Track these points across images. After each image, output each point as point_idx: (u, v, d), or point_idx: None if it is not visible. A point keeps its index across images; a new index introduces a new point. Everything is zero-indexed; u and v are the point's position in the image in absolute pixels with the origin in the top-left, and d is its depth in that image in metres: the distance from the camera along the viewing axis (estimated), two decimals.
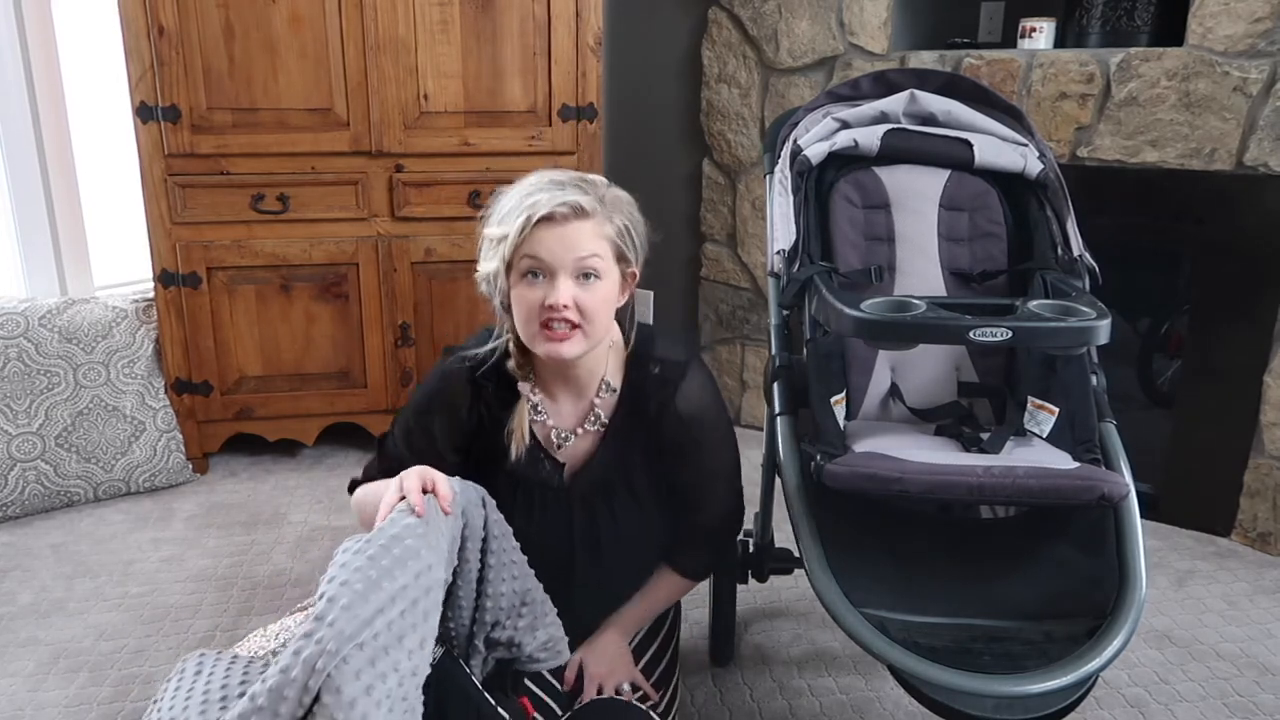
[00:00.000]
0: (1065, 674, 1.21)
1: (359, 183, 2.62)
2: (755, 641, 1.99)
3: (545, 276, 1.33)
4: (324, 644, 1.00)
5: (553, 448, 1.49)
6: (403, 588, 1.09)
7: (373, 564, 1.09)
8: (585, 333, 1.35)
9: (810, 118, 1.80)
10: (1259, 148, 2.20)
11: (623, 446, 1.48)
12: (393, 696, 1.04)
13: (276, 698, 1.00)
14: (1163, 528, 2.49)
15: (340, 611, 1.03)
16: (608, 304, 1.38)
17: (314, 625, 1.03)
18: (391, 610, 1.07)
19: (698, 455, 1.51)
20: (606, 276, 1.36)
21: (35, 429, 2.48)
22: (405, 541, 1.13)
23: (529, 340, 1.38)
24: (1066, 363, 1.55)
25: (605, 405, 1.48)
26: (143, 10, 2.38)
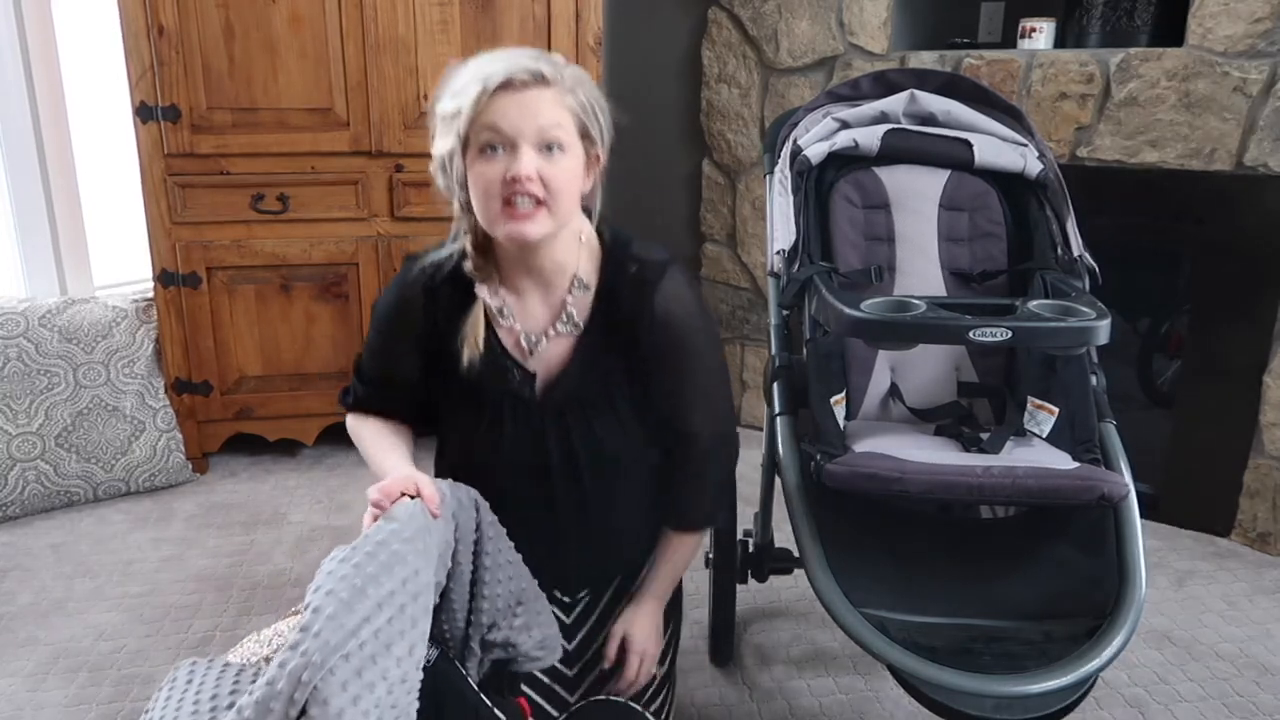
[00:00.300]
0: (1065, 674, 1.21)
1: (359, 183, 2.62)
2: (755, 641, 1.99)
3: (505, 149, 1.21)
4: (309, 656, 0.99)
5: (523, 355, 1.35)
6: (389, 594, 1.07)
7: (358, 571, 1.06)
8: (550, 210, 1.23)
9: (810, 118, 1.81)
10: (1259, 148, 2.20)
11: (600, 354, 1.35)
12: (381, 705, 1.02)
13: (262, 710, 0.99)
14: (1162, 528, 2.49)
15: (325, 622, 1.01)
16: (573, 181, 1.26)
17: (299, 636, 1.01)
18: (378, 618, 1.04)
19: (678, 361, 1.36)
20: (570, 150, 1.25)
21: (35, 429, 2.48)
22: (391, 547, 1.10)
23: (490, 223, 1.26)
24: (1066, 363, 1.55)
25: (579, 305, 1.34)
26: (142, 10, 2.38)
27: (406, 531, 1.14)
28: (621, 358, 1.35)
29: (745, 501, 2.26)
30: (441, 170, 1.29)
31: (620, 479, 1.40)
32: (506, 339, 1.35)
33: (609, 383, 1.36)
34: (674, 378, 1.38)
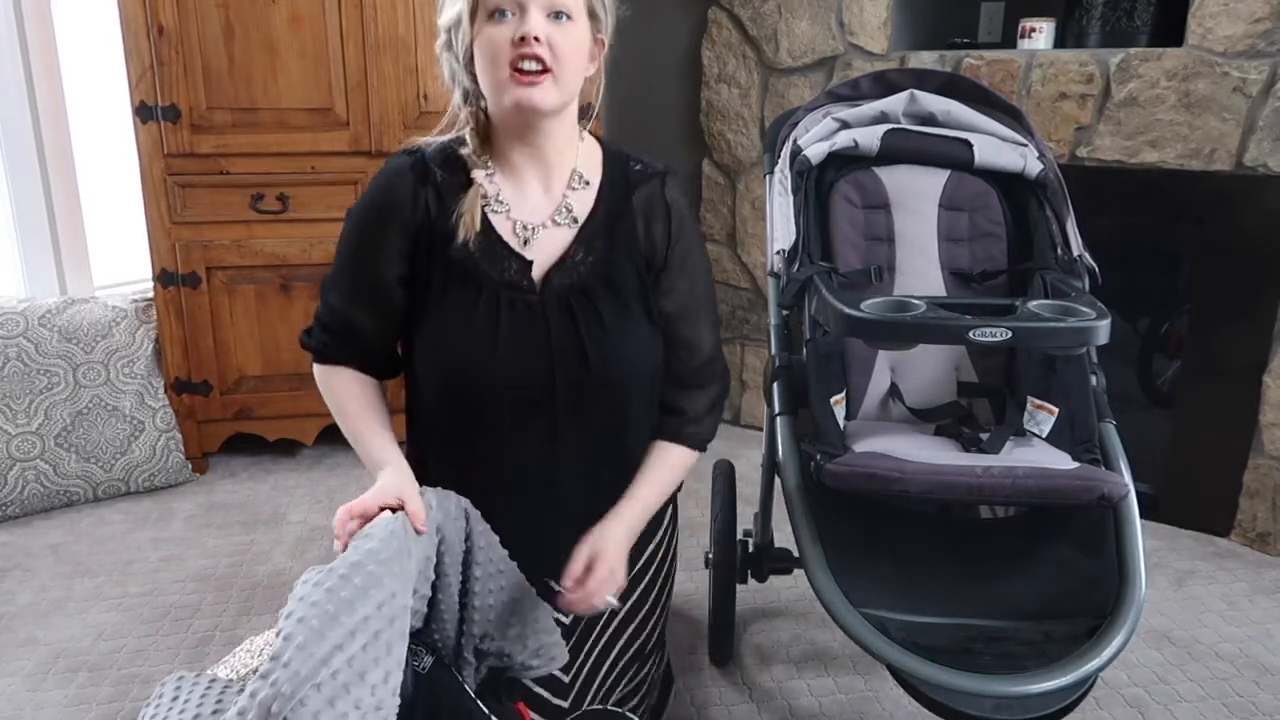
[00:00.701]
0: (1065, 674, 1.21)
1: (359, 182, 2.61)
2: (755, 641, 1.99)
3: (514, 13, 1.20)
4: (278, 686, 0.96)
5: (519, 244, 1.29)
6: (364, 620, 1.03)
7: (331, 596, 1.02)
8: (556, 78, 1.21)
9: (810, 118, 1.81)
10: (1258, 148, 2.20)
11: (602, 245, 1.31)
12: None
13: None
14: (1162, 528, 2.49)
15: (295, 651, 0.97)
16: (579, 52, 1.24)
17: (270, 665, 0.98)
18: (352, 645, 1.01)
19: (686, 257, 1.36)
20: (578, 22, 1.23)
21: (35, 428, 2.48)
22: (367, 568, 1.06)
23: (496, 91, 1.23)
24: (1066, 363, 1.55)
25: (579, 200, 1.32)
26: (142, 10, 2.38)
27: (384, 552, 1.09)
28: (625, 251, 1.32)
29: (745, 501, 2.26)
30: (446, 47, 1.27)
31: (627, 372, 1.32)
32: (501, 227, 1.30)
33: (612, 274, 1.31)
34: (682, 276, 1.36)
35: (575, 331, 1.28)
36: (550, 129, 1.28)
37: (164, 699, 1.21)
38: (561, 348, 1.28)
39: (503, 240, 1.29)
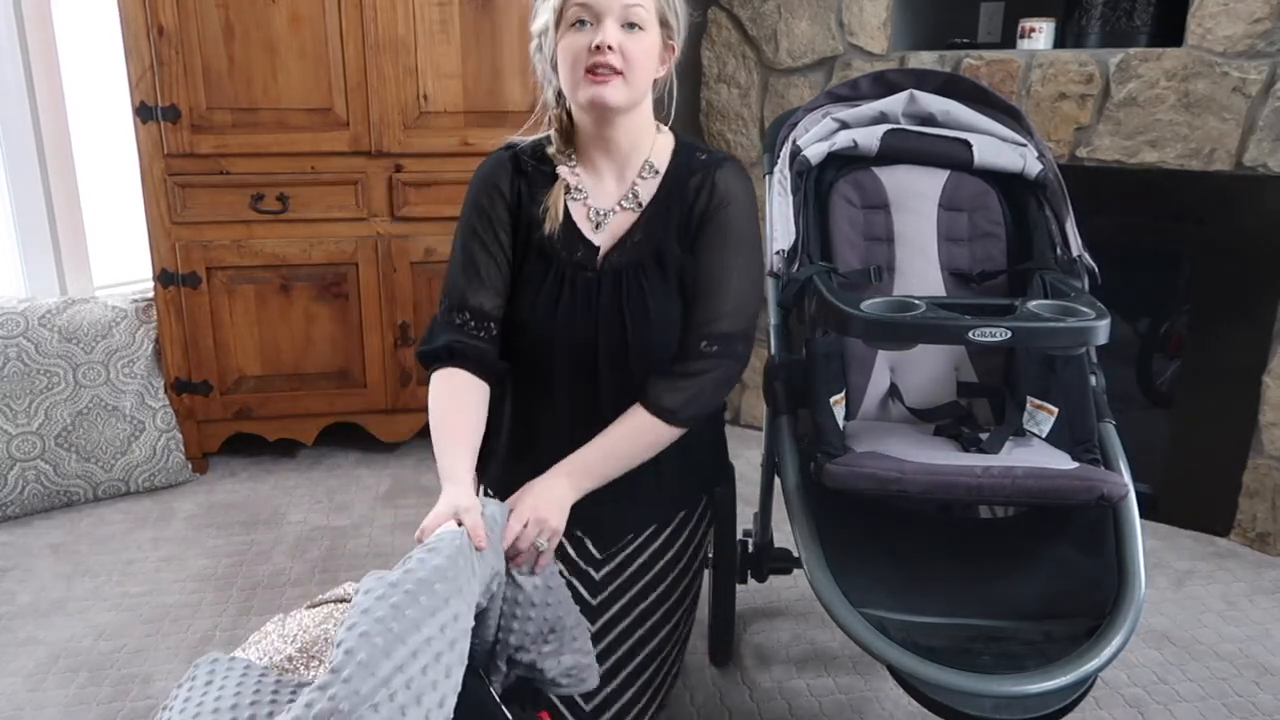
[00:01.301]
0: (1064, 674, 1.21)
1: (358, 183, 2.62)
2: (754, 641, 1.99)
3: (592, 23, 1.38)
4: (336, 702, 0.95)
5: (590, 230, 1.50)
6: (426, 640, 1.02)
7: (396, 613, 1.01)
8: (627, 80, 1.39)
9: (810, 118, 1.81)
10: (1258, 148, 2.20)
11: (658, 226, 1.49)
12: None
13: None
14: (1162, 528, 2.49)
15: (356, 668, 0.97)
16: (649, 57, 1.42)
17: (329, 679, 0.97)
18: (412, 666, 1.00)
19: (723, 238, 1.49)
20: (649, 31, 1.41)
21: (35, 428, 2.48)
22: (434, 587, 1.06)
23: (574, 89, 1.41)
24: (1066, 363, 1.55)
25: (646, 188, 1.51)
26: (142, 10, 2.38)
27: (451, 571, 1.09)
28: (676, 231, 1.49)
29: (745, 501, 2.26)
30: (538, 50, 1.47)
31: (658, 338, 1.48)
32: (577, 213, 1.50)
33: (661, 253, 1.48)
34: (714, 254, 1.49)
35: (619, 304, 1.47)
36: (622, 124, 1.46)
37: (197, 681, 1.19)
38: (607, 317, 1.47)
39: (576, 227, 1.50)
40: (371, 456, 2.85)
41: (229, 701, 1.13)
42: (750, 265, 1.52)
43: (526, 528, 1.32)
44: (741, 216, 1.51)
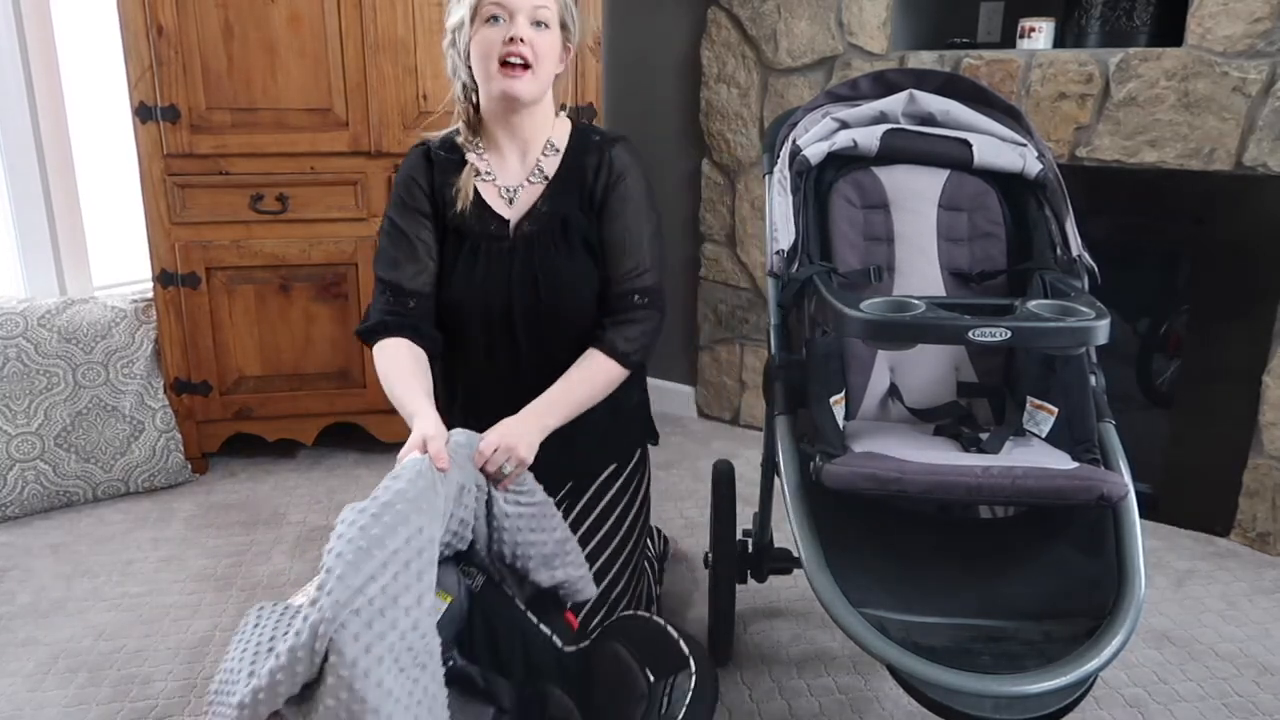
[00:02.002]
0: (1064, 674, 1.21)
1: (358, 183, 2.62)
2: (754, 641, 1.99)
3: (505, 20, 1.57)
4: (324, 612, 1.13)
5: (503, 206, 1.69)
6: (393, 553, 1.20)
7: (364, 534, 1.19)
8: (535, 74, 1.59)
9: (809, 118, 1.80)
10: (1258, 148, 2.20)
11: (562, 196, 1.68)
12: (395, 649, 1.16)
13: (293, 658, 1.14)
14: (1162, 528, 2.49)
15: (335, 581, 1.15)
16: (553, 52, 1.62)
17: (316, 594, 1.15)
18: (384, 575, 1.18)
19: (623, 207, 1.69)
20: (553, 30, 1.61)
21: (34, 429, 2.48)
22: (396, 508, 1.24)
23: (487, 81, 1.61)
24: (1065, 363, 1.54)
25: (549, 163, 1.70)
26: (141, 10, 2.38)
27: (411, 491, 1.28)
28: (578, 201, 1.69)
29: (745, 501, 2.26)
30: (450, 45, 1.65)
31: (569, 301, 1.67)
32: (488, 194, 1.69)
33: (567, 221, 1.68)
34: (618, 217, 1.70)
35: (531, 269, 1.66)
36: (529, 114, 1.66)
37: (247, 627, 1.36)
38: (520, 280, 1.66)
39: (488, 204, 1.69)
40: (371, 456, 2.85)
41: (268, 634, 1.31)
42: (654, 227, 1.74)
43: (496, 453, 1.49)
44: (639, 186, 1.72)
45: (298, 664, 1.14)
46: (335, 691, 1.14)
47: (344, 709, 1.14)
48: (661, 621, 1.52)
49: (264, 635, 1.33)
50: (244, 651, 1.31)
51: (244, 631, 1.36)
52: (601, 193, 1.69)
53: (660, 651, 1.48)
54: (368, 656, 1.14)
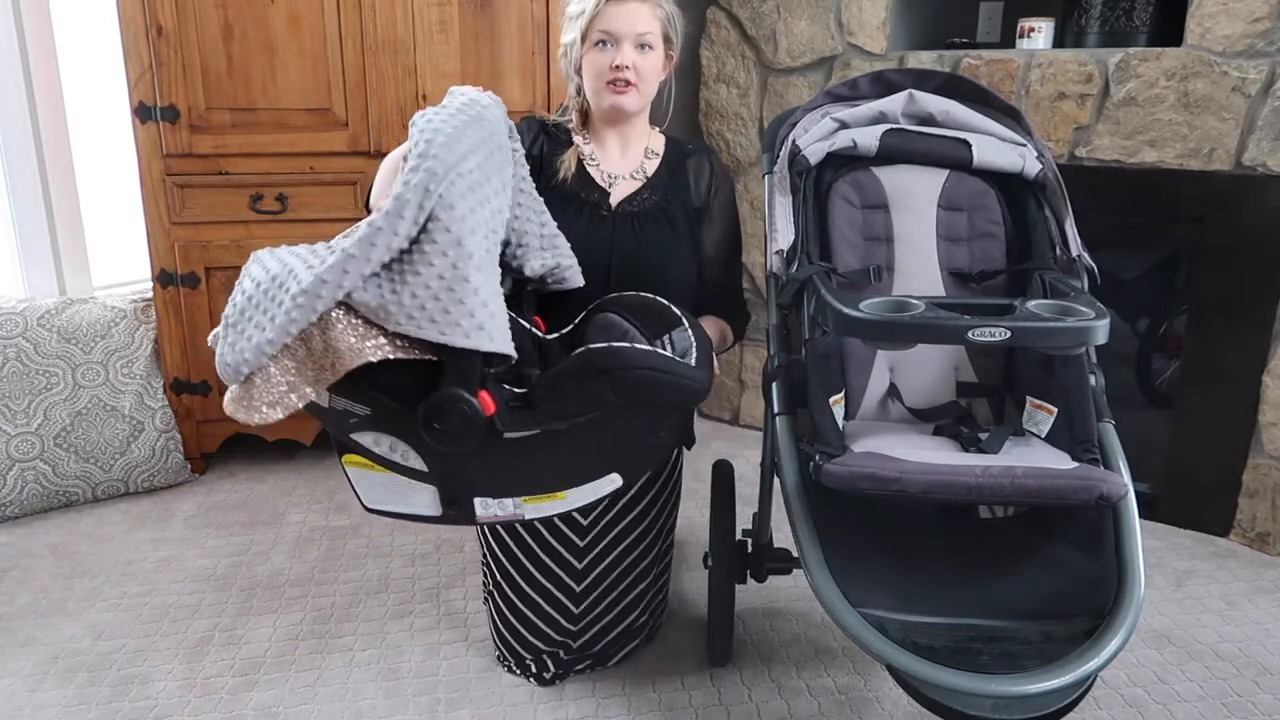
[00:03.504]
0: (1064, 674, 1.21)
1: (358, 183, 2.61)
2: (754, 641, 1.99)
3: (612, 45, 1.74)
4: (433, 170, 1.15)
5: (605, 184, 1.84)
6: (480, 140, 1.25)
7: (453, 119, 1.24)
8: (640, 91, 1.77)
9: (809, 118, 1.81)
10: (1257, 148, 2.20)
11: (663, 190, 1.86)
12: (486, 225, 1.21)
13: (394, 218, 1.15)
14: (1161, 528, 2.49)
15: (439, 148, 1.18)
16: (656, 71, 1.80)
17: (418, 161, 1.17)
18: (478, 153, 1.23)
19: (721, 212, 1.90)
20: (657, 49, 1.78)
21: (34, 429, 2.48)
22: (475, 107, 1.31)
23: (596, 96, 1.79)
24: (1065, 363, 1.55)
25: (650, 165, 1.89)
26: (141, 10, 2.38)
27: (483, 99, 1.37)
28: (679, 197, 1.87)
29: (745, 501, 2.26)
30: (564, 55, 1.83)
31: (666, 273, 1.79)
32: (594, 173, 1.85)
33: (668, 209, 1.85)
34: (718, 225, 1.91)
35: (633, 235, 1.81)
36: (632, 121, 1.85)
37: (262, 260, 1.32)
38: (621, 244, 1.80)
39: (593, 180, 1.85)
40: None
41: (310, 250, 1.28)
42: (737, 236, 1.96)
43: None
44: (732, 197, 1.94)
45: (400, 223, 1.14)
46: (442, 250, 1.15)
47: (449, 267, 1.14)
48: (647, 295, 1.64)
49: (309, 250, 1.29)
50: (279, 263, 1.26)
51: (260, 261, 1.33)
52: (705, 193, 1.90)
53: (651, 315, 1.56)
54: (473, 217, 1.17)
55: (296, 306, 1.19)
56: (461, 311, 1.17)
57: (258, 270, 1.29)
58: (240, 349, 1.26)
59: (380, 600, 2.11)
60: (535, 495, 1.40)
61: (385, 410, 1.30)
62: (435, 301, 1.16)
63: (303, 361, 1.24)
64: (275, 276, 1.24)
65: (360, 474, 1.41)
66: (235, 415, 1.29)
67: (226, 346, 1.27)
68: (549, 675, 1.80)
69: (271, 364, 1.25)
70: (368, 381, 1.25)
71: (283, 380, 1.25)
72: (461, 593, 2.14)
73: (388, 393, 1.26)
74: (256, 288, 1.26)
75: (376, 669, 1.87)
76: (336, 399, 1.30)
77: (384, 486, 1.39)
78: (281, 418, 1.26)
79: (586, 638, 1.80)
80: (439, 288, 1.16)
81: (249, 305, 1.26)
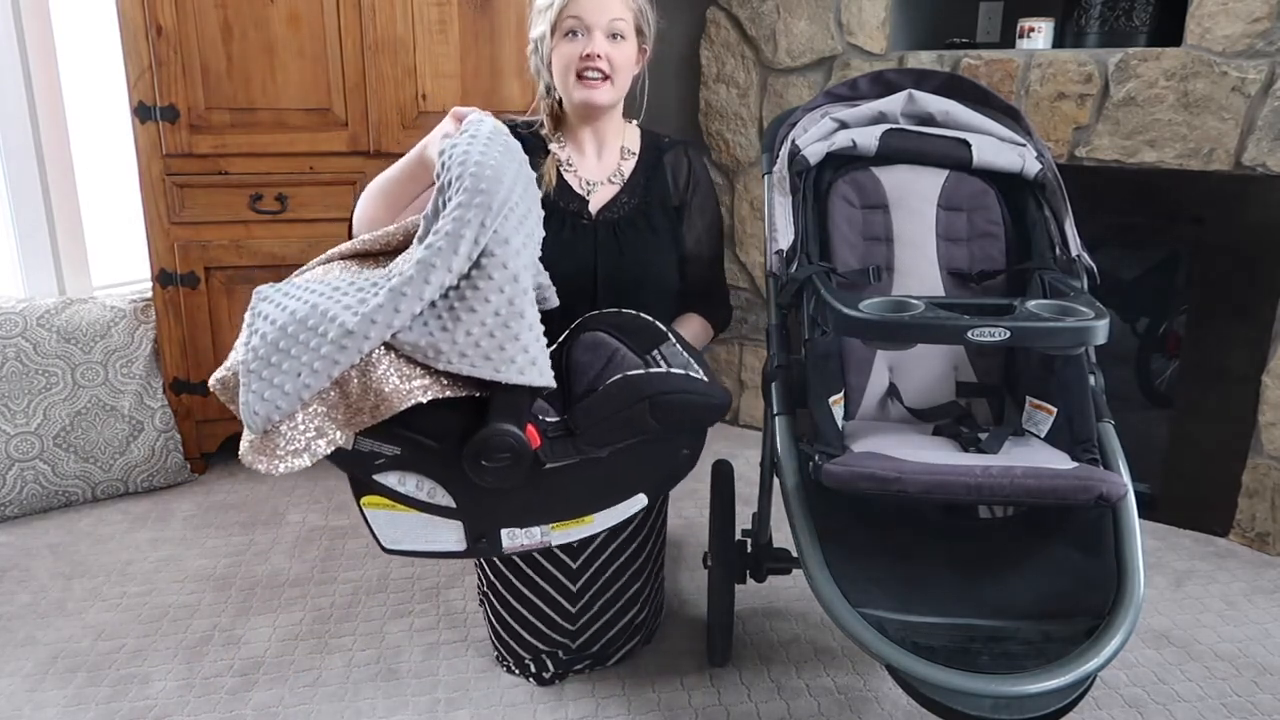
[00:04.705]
0: (1063, 674, 1.21)
1: (357, 183, 2.61)
2: (753, 641, 1.99)
3: (583, 34, 1.69)
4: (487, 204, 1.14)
5: (584, 193, 1.81)
6: (517, 171, 1.26)
7: (490, 148, 1.24)
8: (613, 83, 1.72)
9: (808, 118, 1.81)
10: (1257, 147, 2.20)
11: (641, 192, 1.83)
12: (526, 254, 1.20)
13: (449, 255, 1.13)
14: (1161, 528, 2.49)
15: (489, 181, 1.17)
16: (629, 62, 1.75)
17: (467, 196, 1.15)
18: (519, 185, 1.23)
19: (701, 207, 1.88)
20: (629, 40, 1.73)
21: (33, 429, 2.48)
22: (502, 135, 1.32)
23: (567, 90, 1.74)
24: (1065, 363, 1.55)
25: (626, 166, 1.85)
26: (141, 10, 2.37)
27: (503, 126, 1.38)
28: (658, 196, 1.84)
29: (744, 501, 2.26)
30: (534, 51, 1.78)
31: (650, 279, 1.80)
32: (571, 181, 1.82)
33: (648, 211, 1.83)
34: (698, 219, 1.88)
35: (616, 242, 1.79)
36: (606, 117, 1.80)
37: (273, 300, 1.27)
38: (604, 252, 1.78)
39: (571, 189, 1.81)
40: None
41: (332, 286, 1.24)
42: (719, 229, 1.94)
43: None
44: (712, 191, 1.93)
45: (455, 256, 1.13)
46: (499, 286, 1.14)
47: (506, 303, 1.14)
48: (628, 310, 1.64)
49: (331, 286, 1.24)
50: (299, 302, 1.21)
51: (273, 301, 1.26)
52: (684, 188, 1.87)
53: (636, 331, 1.56)
54: (525, 251, 1.17)
55: (340, 349, 1.14)
56: (516, 348, 1.15)
57: (273, 311, 1.22)
58: (271, 396, 1.18)
59: (379, 600, 2.11)
60: (563, 521, 1.39)
61: (419, 450, 1.26)
62: (490, 339, 1.15)
63: (334, 405, 1.19)
64: (301, 317, 1.19)
65: (381, 515, 1.35)
66: (254, 466, 1.22)
67: (253, 395, 1.19)
68: (548, 675, 1.80)
69: (299, 409, 1.19)
70: (403, 423, 1.21)
71: (310, 426, 1.19)
72: (461, 593, 2.14)
73: (424, 432, 1.24)
74: (279, 329, 1.19)
75: (376, 669, 1.87)
76: (362, 440, 1.25)
77: (406, 525, 1.34)
78: (308, 465, 1.20)
79: (585, 637, 1.80)
80: (494, 324, 1.15)
81: (274, 349, 1.19)
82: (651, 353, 1.51)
